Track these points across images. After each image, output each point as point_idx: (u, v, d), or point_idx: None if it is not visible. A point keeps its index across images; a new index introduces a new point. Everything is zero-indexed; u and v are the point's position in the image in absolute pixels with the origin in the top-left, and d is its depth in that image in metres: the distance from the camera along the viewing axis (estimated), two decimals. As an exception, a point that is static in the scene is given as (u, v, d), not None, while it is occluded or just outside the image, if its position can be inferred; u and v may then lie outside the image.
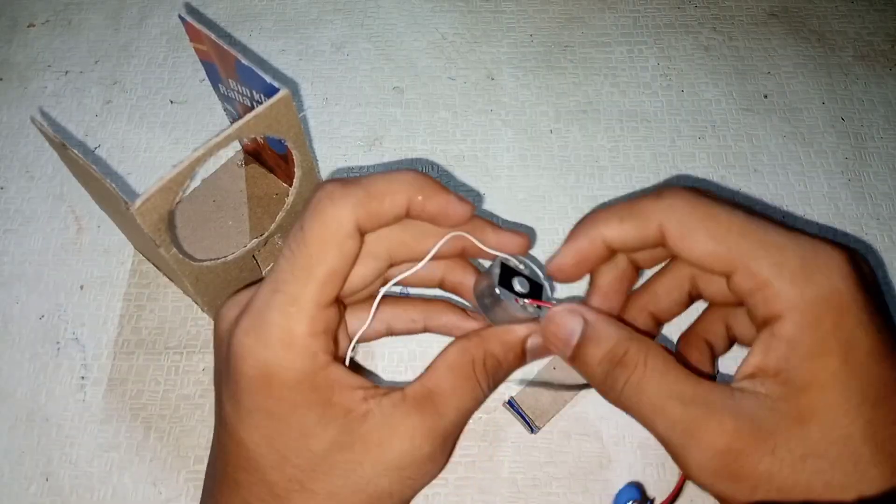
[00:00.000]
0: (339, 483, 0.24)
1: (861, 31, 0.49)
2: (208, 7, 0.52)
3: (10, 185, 0.45)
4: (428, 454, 0.24)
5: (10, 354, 0.39)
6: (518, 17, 0.51)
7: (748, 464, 0.21)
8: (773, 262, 0.22)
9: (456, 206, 0.25)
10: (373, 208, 0.24)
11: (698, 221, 0.23)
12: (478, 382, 0.26)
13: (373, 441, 0.24)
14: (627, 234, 0.24)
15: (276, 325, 0.24)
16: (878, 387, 0.21)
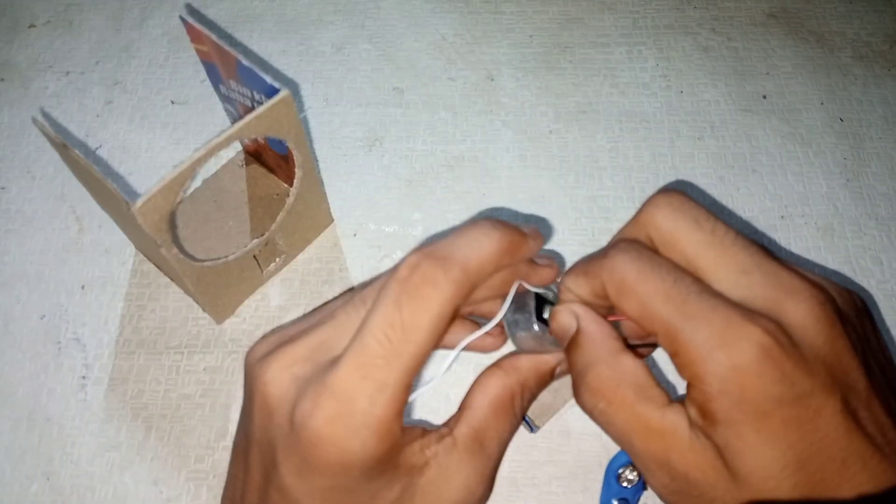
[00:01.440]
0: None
1: (860, 32, 0.50)
2: (209, 8, 0.52)
3: (12, 185, 0.45)
4: (481, 495, 0.25)
5: (12, 354, 0.39)
6: (518, 17, 0.51)
7: (706, 496, 0.22)
8: (685, 334, 0.22)
9: (534, 247, 0.26)
10: (471, 290, 0.24)
11: (631, 282, 0.23)
12: (515, 414, 0.26)
13: (431, 493, 0.24)
14: (584, 290, 0.25)
15: (365, 415, 0.22)
16: (802, 449, 0.21)
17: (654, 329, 0.23)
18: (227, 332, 0.39)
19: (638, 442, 0.23)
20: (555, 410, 0.35)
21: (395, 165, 0.45)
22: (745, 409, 0.21)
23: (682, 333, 0.22)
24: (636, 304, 0.23)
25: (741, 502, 0.21)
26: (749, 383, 0.21)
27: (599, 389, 0.24)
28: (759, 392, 0.21)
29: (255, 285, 0.40)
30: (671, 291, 0.22)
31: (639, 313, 0.23)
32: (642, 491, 0.33)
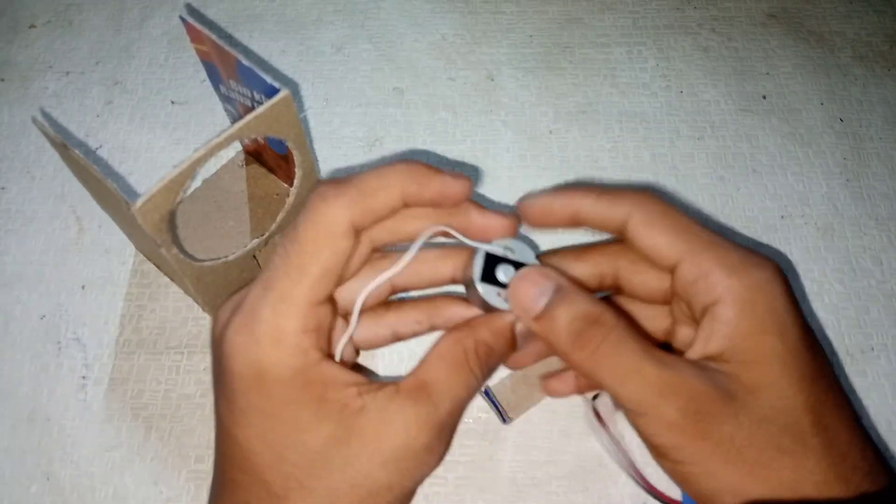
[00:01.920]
0: (337, 478, 0.24)
1: (860, 32, 0.50)
2: (209, 8, 0.52)
3: (12, 185, 0.45)
4: (425, 445, 0.24)
5: (12, 354, 0.39)
6: (518, 17, 0.51)
7: (714, 423, 0.23)
8: (715, 255, 0.25)
9: (453, 185, 0.26)
10: (366, 205, 0.25)
11: (660, 216, 0.26)
12: (471, 371, 0.26)
13: (369, 435, 0.24)
14: (597, 210, 0.27)
15: (266, 322, 0.24)
16: (811, 366, 0.24)
17: (679, 258, 0.25)
18: (227, 332, 0.39)
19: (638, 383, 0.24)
20: (531, 403, 0.35)
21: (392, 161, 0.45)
22: (774, 319, 0.24)
23: (708, 258, 0.25)
24: (666, 234, 0.25)
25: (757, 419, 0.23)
26: (777, 296, 0.24)
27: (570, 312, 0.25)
28: (782, 306, 0.24)
29: (255, 285, 0.40)
30: (699, 229, 0.26)
31: (665, 244, 0.25)
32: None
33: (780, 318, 0.24)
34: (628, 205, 0.26)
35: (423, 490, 0.34)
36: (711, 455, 0.23)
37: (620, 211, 0.27)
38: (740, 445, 0.23)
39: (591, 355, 0.24)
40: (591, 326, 0.25)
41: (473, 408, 0.36)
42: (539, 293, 0.26)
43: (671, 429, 0.23)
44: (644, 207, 0.26)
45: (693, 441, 0.23)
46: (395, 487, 0.24)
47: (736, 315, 0.24)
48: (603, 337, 0.24)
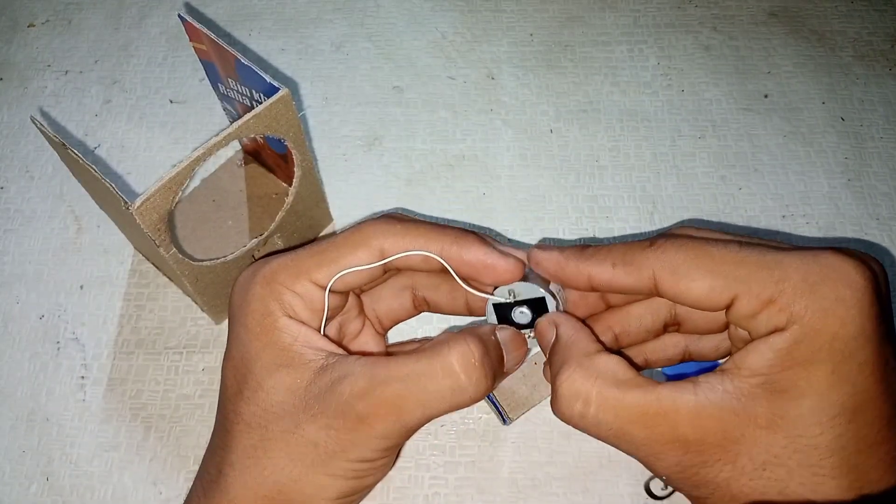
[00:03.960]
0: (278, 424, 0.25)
1: (861, 31, 0.49)
2: (208, 6, 0.52)
3: (10, 184, 0.45)
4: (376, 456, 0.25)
5: (11, 354, 0.39)
6: (518, 16, 0.51)
7: (711, 472, 0.22)
8: (775, 279, 0.21)
9: (495, 261, 0.26)
10: (401, 243, 0.27)
11: (693, 262, 0.23)
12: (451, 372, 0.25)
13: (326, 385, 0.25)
14: (617, 279, 0.25)
15: (268, 267, 0.27)
16: (861, 399, 0.21)
17: (732, 296, 0.22)
18: (225, 333, 0.39)
19: (639, 430, 0.23)
20: (531, 404, 0.35)
21: (394, 165, 0.45)
22: (835, 347, 0.21)
23: (768, 284, 0.21)
24: (706, 279, 0.22)
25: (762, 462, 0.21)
26: (850, 317, 0.20)
27: (573, 390, 0.24)
28: (855, 328, 0.21)
29: (255, 285, 0.40)
30: (743, 252, 0.22)
31: (709, 289, 0.22)
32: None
33: (844, 344, 0.21)
34: (649, 266, 0.24)
35: (423, 491, 0.34)
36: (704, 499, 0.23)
37: (644, 277, 0.24)
38: (737, 492, 0.22)
39: (581, 420, 0.24)
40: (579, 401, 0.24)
41: (473, 408, 0.36)
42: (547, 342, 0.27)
43: (669, 475, 0.23)
44: (668, 262, 0.23)
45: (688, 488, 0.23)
46: (321, 446, 0.25)
47: (789, 345, 0.21)
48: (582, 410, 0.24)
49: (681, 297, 0.23)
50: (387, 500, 0.34)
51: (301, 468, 0.25)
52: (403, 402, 0.25)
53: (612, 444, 0.24)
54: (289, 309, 0.27)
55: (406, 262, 0.27)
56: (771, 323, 0.22)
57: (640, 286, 0.24)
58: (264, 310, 0.27)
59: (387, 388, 0.24)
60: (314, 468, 0.25)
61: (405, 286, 0.31)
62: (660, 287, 0.24)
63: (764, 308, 0.22)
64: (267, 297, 0.27)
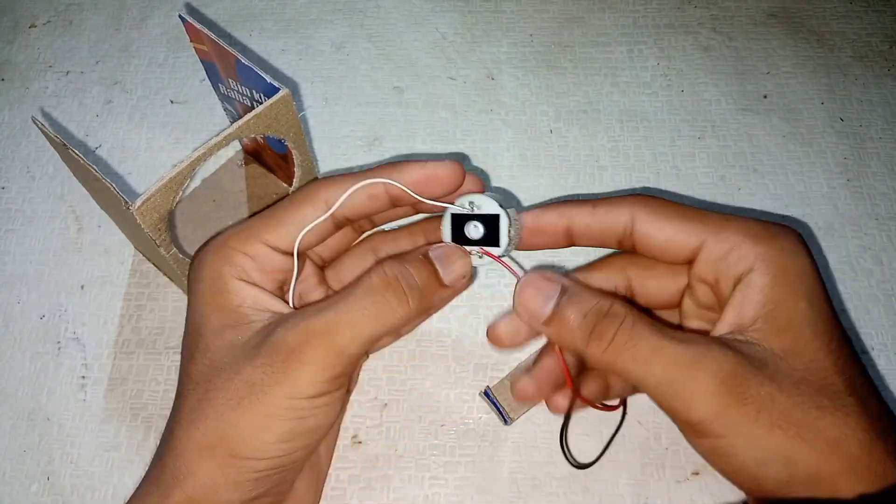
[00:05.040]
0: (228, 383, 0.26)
1: (860, 32, 0.50)
2: (208, 7, 0.52)
3: (12, 185, 0.45)
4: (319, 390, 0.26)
5: (11, 354, 0.39)
6: (518, 16, 0.51)
7: (752, 386, 0.23)
8: (739, 228, 0.25)
9: (435, 168, 0.28)
10: (343, 188, 0.28)
11: (666, 209, 0.26)
12: (388, 304, 0.26)
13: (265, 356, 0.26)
14: (596, 221, 0.27)
15: (218, 237, 0.29)
16: (837, 332, 0.24)
17: (699, 243, 0.25)
18: (226, 332, 0.39)
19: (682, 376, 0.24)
20: (532, 403, 0.35)
21: (394, 165, 0.45)
22: (804, 284, 0.24)
23: (733, 231, 0.25)
24: (678, 225, 0.26)
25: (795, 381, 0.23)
26: (804, 263, 0.24)
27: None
28: (810, 272, 0.25)
29: (255, 285, 0.40)
30: (707, 212, 0.26)
31: (680, 233, 0.26)
32: None
33: (808, 283, 0.24)
34: (628, 207, 0.26)
35: (423, 491, 0.34)
36: (755, 421, 0.23)
37: (622, 216, 0.26)
38: (782, 407, 0.23)
39: (610, 347, 0.24)
40: (603, 319, 0.25)
41: (473, 409, 0.36)
42: (545, 297, 0.26)
43: (708, 398, 0.23)
44: (647, 205, 0.26)
45: (734, 408, 0.23)
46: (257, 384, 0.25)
47: (770, 281, 0.24)
48: (617, 327, 0.24)
49: (655, 239, 0.26)
50: (387, 501, 0.34)
51: (239, 411, 0.25)
52: (332, 326, 0.26)
53: (640, 367, 0.24)
54: (240, 271, 0.28)
55: (355, 209, 0.28)
56: (740, 264, 0.25)
57: (617, 227, 0.27)
58: (215, 274, 0.28)
59: (315, 317, 0.26)
60: (252, 408, 0.25)
61: (367, 250, 0.32)
62: (637, 228, 0.26)
63: (732, 249, 0.25)
64: (218, 262, 0.28)
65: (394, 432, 0.36)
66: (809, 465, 0.23)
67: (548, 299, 0.26)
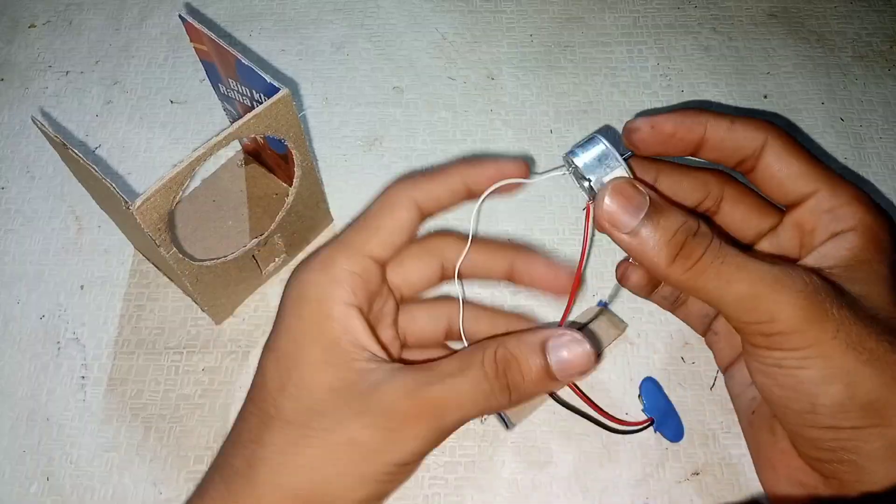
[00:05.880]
0: (321, 426, 0.25)
1: (860, 32, 0.50)
2: (208, 7, 0.52)
3: (11, 185, 0.45)
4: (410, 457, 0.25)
5: (11, 354, 0.39)
6: (518, 17, 0.51)
7: (834, 307, 0.24)
8: (852, 191, 0.27)
9: (508, 166, 0.28)
10: (428, 186, 0.28)
11: (795, 147, 0.27)
12: (490, 388, 0.25)
13: (366, 407, 0.25)
14: (733, 136, 0.27)
15: (326, 257, 0.27)
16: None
17: (814, 189, 0.27)
18: (226, 333, 0.39)
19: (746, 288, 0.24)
20: (532, 408, 0.35)
21: (394, 165, 0.45)
22: (887, 250, 0.26)
23: (847, 191, 0.26)
24: (802, 163, 0.27)
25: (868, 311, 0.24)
26: (890, 232, 0.26)
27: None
28: (892, 242, 0.26)
29: (255, 285, 0.40)
30: (822, 162, 0.27)
31: (803, 171, 0.27)
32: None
33: (889, 254, 0.26)
34: (764, 132, 0.27)
35: (423, 491, 0.34)
36: (833, 339, 0.23)
37: (758, 138, 0.27)
38: (858, 332, 0.24)
39: (695, 266, 0.24)
40: (692, 238, 0.25)
41: (473, 408, 0.36)
42: (634, 208, 0.25)
43: (793, 310, 0.24)
44: (780, 136, 0.27)
45: (816, 323, 0.24)
46: (371, 445, 0.25)
47: (864, 244, 0.25)
48: (705, 247, 0.24)
49: (777, 170, 0.27)
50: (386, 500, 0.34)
51: (336, 468, 0.25)
52: (444, 403, 0.25)
53: (727, 283, 0.24)
54: (349, 295, 0.26)
55: (440, 204, 0.28)
56: (844, 221, 0.26)
57: (748, 148, 0.27)
58: (322, 295, 0.26)
59: (430, 389, 0.25)
60: (349, 468, 0.24)
61: (432, 256, 0.31)
62: (765, 154, 0.27)
63: (842, 206, 0.26)
64: (325, 283, 0.27)
65: (394, 432, 0.36)
66: (870, 391, 0.23)
67: (636, 211, 0.25)
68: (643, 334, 0.38)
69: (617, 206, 0.25)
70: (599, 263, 0.40)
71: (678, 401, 0.36)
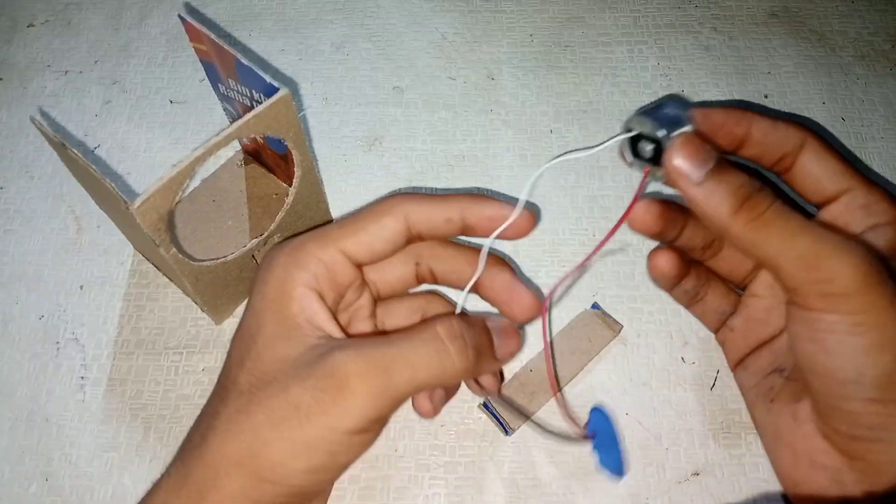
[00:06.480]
0: (274, 401, 0.25)
1: (861, 31, 0.49)
2: (208, 7, 0.52)
3: (10, 185, 0.45)
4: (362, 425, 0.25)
5: (10, 354, 0.39)
6: (518, 16, 0.51)
7: (891, 276, 0.24)
8: (882, 190, 0.28)
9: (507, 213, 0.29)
10: (425, 206, 0.28)
11: (831, 148, 0.28)
12: (447, 353, 0.26)
13: (316, 381, 0.25)
14: (777, 134, 0.28)
15: (299, 246, 0.28)
16: None
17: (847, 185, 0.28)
18: (225, 333, 0.39)
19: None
20: (530, 414, 0.35)
21: (394, 165, 0.45)
22: None
23: (877, 189, 0.28)
24: (837, 163, 0.28)
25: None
26: None
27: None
28: None
29: (255, 285, 0.40)
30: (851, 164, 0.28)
31: (837, 171, 0.28)
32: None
33: None
34: (802, 132, 0.28)
35: (422, 491, 0.34)
36: (890, 306, 0.24)
37: (798, 137, 0.28)
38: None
39: (759, 218, 0.25)
40: (757, 193, 0.26)
41: (473, 409, 0.36)
42: (703, 160, 0.26)
43: (856, 273, 0.24)
44: (817, 137, 0.28)
45: (877, 287, 0.24)
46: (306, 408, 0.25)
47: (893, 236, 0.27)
48: (769, 203, 0.25)
49: (812, 169, 0.28)
50: (387, 500, 0.34)
51: (278, 433, 0.25)
52: (392, 362, 0.25)
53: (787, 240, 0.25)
54: (309, 278, 0.27)
55: (431, 227, 0.29)
56: (876, 216, 0.27)
57: (788, 146, 0.28)
58: (285, 276, 0.27)
59: (376, 350, 0.25)
60: (290, 433, 0.25)
61: (408, 255, 0.31)
62: (803, 154, 0.28)
63: (875, 203, 0.27)
64: (290, 265, 0.27)
65: (394, 432, 0.36)
66: None
67: (704, 163, 0.26)
68: (643, 334, 0.38)
69: (686, 157, 0.26)
70: (599, 263, 0.40)
71: (678, 401, 0.36)
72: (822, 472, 0.28)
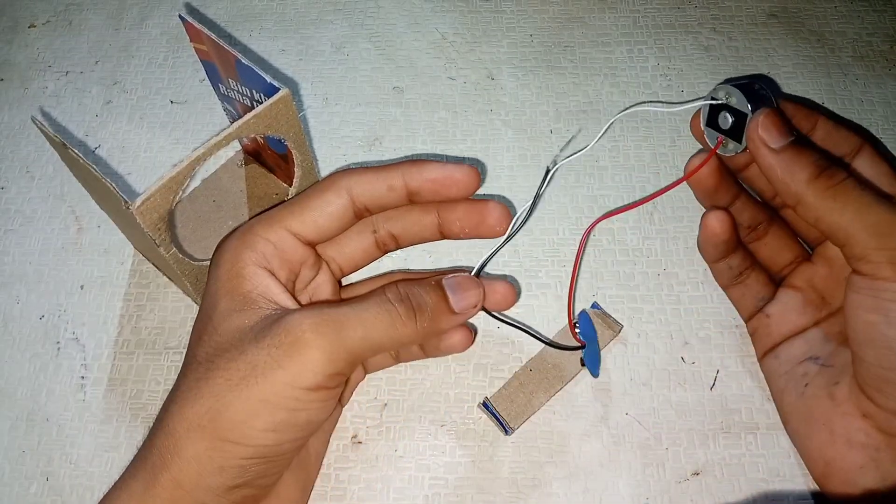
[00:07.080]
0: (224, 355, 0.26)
1: (860, 32, 0.49)
2: (209, 7, 0.52)
3: (11, 185, 0.45)
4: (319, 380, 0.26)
5: (11, 354, 0.39)
6: (518, 17, 0.51)
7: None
8: None
9: (455, 171, 0.30)
10: (367, 177, 0.29)
11: (883, 155, 0.30)
12: (396, 313, 0.27)
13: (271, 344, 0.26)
14: (839, 134, 0.31)
15: (249, 229, 0.29)
16: None
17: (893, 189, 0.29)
18: (226, 332, 0.39)
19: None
20: (530, 412, 0.35)
21: (394, 165, 0.45)
22: None
23: None
24: (888, 170, 0.30)
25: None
26: None
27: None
28: None
29: (255, 285, 0.40)
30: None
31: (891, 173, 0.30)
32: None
33: None
34: (861, 137, 0.30)
35: (422, 491, 0.34)
36: None
37: (855, 142, 0.30)
38: None
39: (837, 186, 0.27)
40: (830, 167, 0.27)
41: (473, 409, 0.36)
42: (784, 131, 0.28)
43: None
44: (872, 146, 0.30)
45: None
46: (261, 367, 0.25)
47: None
48: (845, 176, 0.27)
49: (868, 172, 0.30)
50: (387, 500, 0.34)
51: (235, 392, 0.25)
52: (344, 319, 0.26)
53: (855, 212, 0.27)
54: (259, 258, 0.28)
55: (374, 198, 0.29)
56: None
57: (847, 148, 0.30)
58: (235, 258, 0.28)
59: (330, 310, 0.26)
60: (248, 391, 0.25)
61: (365, 225, 0.32)
62: (860, 155, 0.30)
63: None
64: (240, 247, 0.29)
65: (394, 432, 0.36)
66: None
67: (787, 135, 0.28)
68: (643, 334, 0.38)
69: (770, 127, 0.28)
70: (599, 263, 0.40)
71: (678, 401, 0.36)
72: (859, 450, 0.28)
